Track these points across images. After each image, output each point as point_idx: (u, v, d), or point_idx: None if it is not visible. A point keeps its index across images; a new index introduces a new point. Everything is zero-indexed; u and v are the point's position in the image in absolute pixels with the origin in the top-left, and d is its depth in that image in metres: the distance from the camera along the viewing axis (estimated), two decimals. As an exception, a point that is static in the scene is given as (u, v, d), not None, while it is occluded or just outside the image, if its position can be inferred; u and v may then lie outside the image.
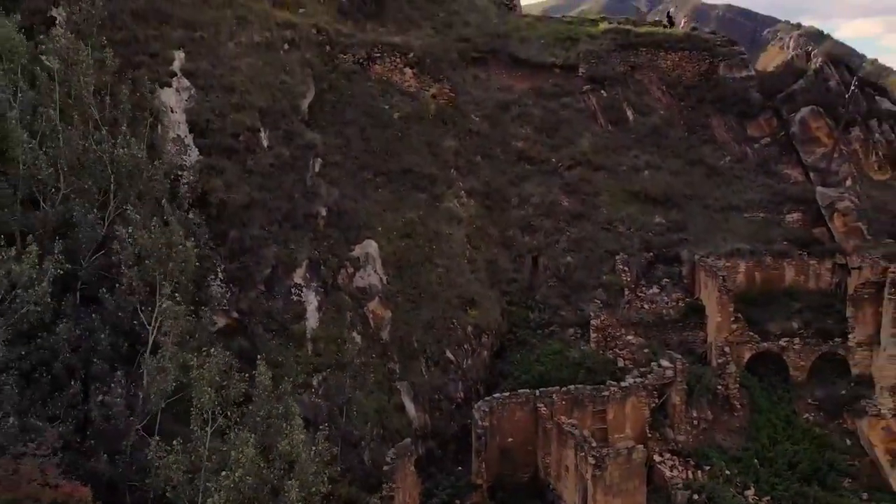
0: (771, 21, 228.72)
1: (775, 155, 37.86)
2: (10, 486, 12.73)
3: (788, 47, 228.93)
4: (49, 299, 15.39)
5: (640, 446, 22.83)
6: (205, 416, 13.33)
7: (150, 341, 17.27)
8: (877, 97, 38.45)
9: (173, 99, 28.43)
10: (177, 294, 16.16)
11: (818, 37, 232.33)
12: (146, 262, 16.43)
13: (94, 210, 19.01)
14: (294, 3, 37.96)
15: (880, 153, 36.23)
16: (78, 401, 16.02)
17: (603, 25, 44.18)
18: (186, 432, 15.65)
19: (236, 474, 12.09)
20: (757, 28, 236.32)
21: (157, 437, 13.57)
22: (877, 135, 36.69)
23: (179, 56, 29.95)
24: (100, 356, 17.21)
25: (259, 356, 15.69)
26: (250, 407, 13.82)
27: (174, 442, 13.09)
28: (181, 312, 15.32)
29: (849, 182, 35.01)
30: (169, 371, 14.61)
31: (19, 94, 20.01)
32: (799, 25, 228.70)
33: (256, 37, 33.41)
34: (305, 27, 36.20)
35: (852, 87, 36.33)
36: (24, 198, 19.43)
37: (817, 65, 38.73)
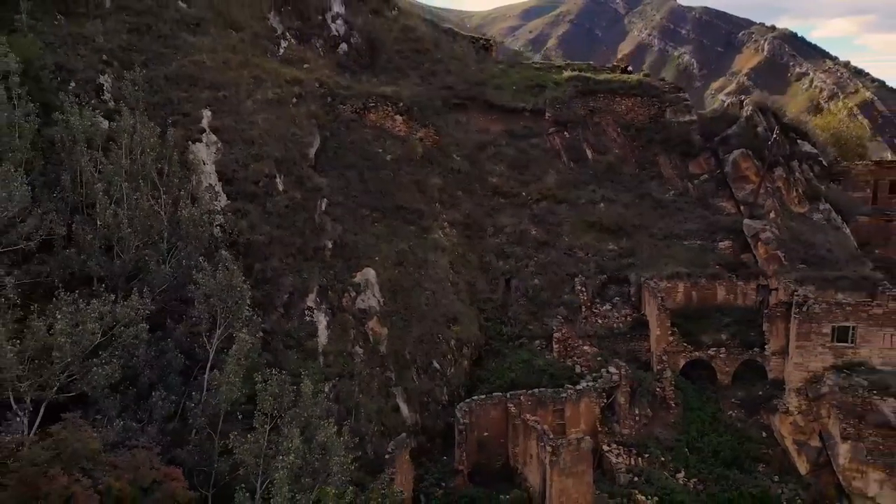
0: (746, 23, 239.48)
1: (712, 190, 42.94)
2: (130, 469, 17.52)
3: (763, 50, 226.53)
4: (145, 334, 20.11)
5: (588, 437, 27.83)
6: (266, 416, 18.12)
7: (210, 359, 22.11)
8: (798, 140, 43.80)
9: (204, 153, 33.10)
10: (236, 323, 21.02)
11: (792, 39, 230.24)
12: (210, 300, 21.16)
13: (162, 259, 23.82)
14: (298, 59, 42.82)
15: (800, 189, 41.46)
16: (160, 406, 20.75)
17: (566, 73, 49.10)
18: (232, 428, 20.55)
19: (290, 458, 16.89)
20: (732, 30, 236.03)
21: (235, 432, 18.34)
22: (797, 173, 41.96)
23: (207, 114, 34.60)
24: (172, 371, 22.03)
25: (303, 372, 20.40)
26: (295, 409, 18.56)
27: (248, 435, 17.90)
28: (250, 341, 20.07)
29: (772, 215, 40.19)
30: (234, 383, 19.40)
31: (99, 167, 24.70)
32: (773, 28, 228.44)
33: (269, 94, 38.13)
34: (310, 82, 40.93)
35: (774, 134, 41.68)
36: (102, 248, 24.19)
37: (748, 112, 43.95)
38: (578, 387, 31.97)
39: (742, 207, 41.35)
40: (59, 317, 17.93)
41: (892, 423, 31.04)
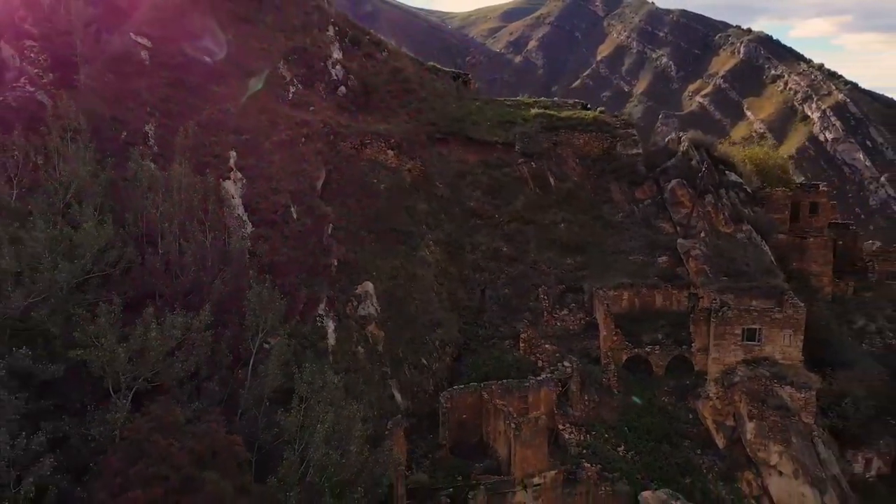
0: (723, 26, 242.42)
1: (654, 213, 49.35)
2: (205, 436, 23.54)
3: (739, 52, 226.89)
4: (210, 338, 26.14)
5: (545, 417, 34.20)
6: (301, 398, 24.22)
7: (252, 357, 28.13)
8: (726, 171, 50.51)
9: (232, 188, 38.91)
10: (272, 330, 27.10)
11: (767, 41, 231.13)
12: (255, 311, 27.20)
13: (210, 280, 29.80)
14: (305, 103, 48.74)
15: (726, 213, 47.94)
16: (216, 392, 26.71)
17: (533, 111, 55.44)
18: (271, 409, 26.63)
19: (325, 425, 22.98)
20: (709, 33, 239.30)
21: (281, 409, 24.42)
22: (724, 199, 48.53)
23: (233, 155, 40.32)
24: (223, 367, 27.99)
25: (326, 366, 26.57)
26: (323, 392, 24.63)
27: (292, 410, 23.98)
28: (286, 342, 26.14)
29: (702, 234, 46.74)
30: (276, 374, 25.49)
31: (160, 207, 30.61)
32: (749, 31, 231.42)
33: (283, 135, 43.95)
34: (315, 123, 46.85)
35: (704, 167, 48.37)
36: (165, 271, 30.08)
37: (684, 147, 50.60)
38: (539, 378, 38.22)
39: (678, 228, 47.86)
40: (152, 325, 23.88)
41: (788, 406, 37.79)
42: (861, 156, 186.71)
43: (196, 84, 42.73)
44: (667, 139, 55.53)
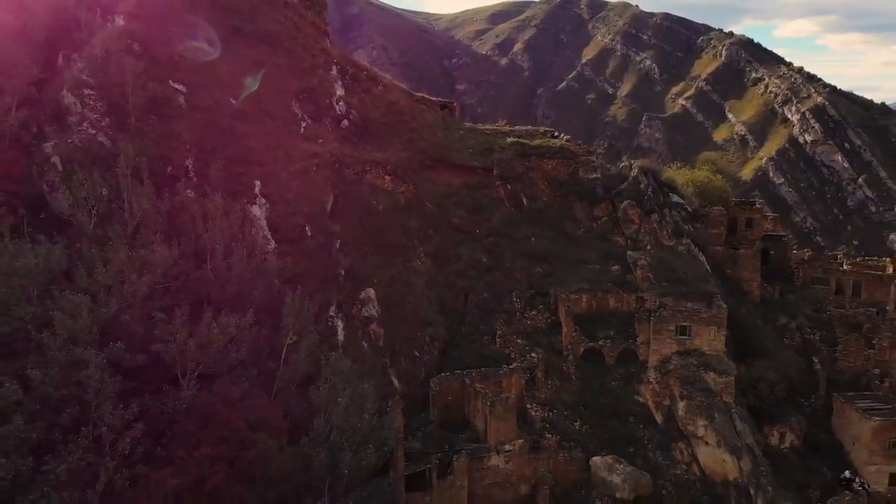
0: (705, 29, 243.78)
1: (609, 228, 56.44)
2: (255, 409, 30.45)
3: (721, 55, 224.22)
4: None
5: (514, 397, 41.29)
6: (326, 379, 31.14)
7: (284, 349, 35.01)
8: (669, 193, 57.96)
9: (258, 212, 45.71)
10: (301, 328, 34.03)
11: (748, 44, 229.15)
12: (289, 315, 34.10)
13: (253, 288, 36.65)
14: (314, 136, 55.50)
15: (669, 229, 55.24)
16: (256, 375, 33.55)
17: (509, 140, 62.35)
18: (301, 389, 33.57)
19: (345, 398, 29.93)
20: (692, 36, 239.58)
21: (312, 386, 31.34)
22: (667, 217, 55.86)
23: (258, 184, 46.93)
24: (262, 357, 34.82)
25: (342, 357, 33.56)
26: (343, 374, 31.54)
27: (319, 387, 30.88)
28: (315, 337, 33.09)
29: (648, 247, 54.06)
30: (307, 361, 32.43)
31: (208, 232, 37.39)
32: (731, 34, 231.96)
33: (297, 165, 50.56)
34: (324, 154, 53.54)
35: (649, 190, 55.74)
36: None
37: (635, 174, 58.01)
38: (511, 366, 45.24)
39: (628, 241, 55.07)
40: (213, 325, 30.75)
41: (711, 388, 45.12)
42: (839, 157, 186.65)
43: (224, 124, 49.31)
44: (621, 166, 62.78)
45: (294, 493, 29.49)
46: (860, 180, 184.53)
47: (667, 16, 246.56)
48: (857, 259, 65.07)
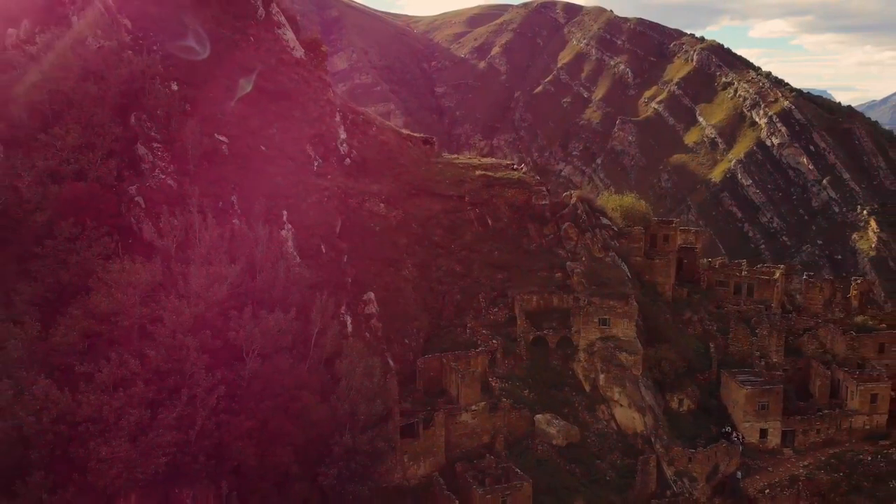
0: (678, 34, 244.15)
1: (554, 244, 68.74)
2: (298, 376, 42.98)
3: (692, 60, 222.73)
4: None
5: (479, 372, 54.18)
6: (347, 355, 43.65)
7: (314, 336, 47.46)
8: (600, 217, 71.25)
9: (286, 235, 58.16)
10: (327, 323, 46.60)
11: (719, 49, 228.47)
12: (318, 312, 46.60)
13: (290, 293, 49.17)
14: (324, 173, 67.83)
15: (599, 245, 67.83)
16: (296, 354, 46.03)
17: (478, 172, 75.19)
18: (326, 369, 46.16)
19: (360, 368, 42.50)
20: (664, 41, 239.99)
21: (338, 360, 43.86)
22: (598, 235, 68.89)
23: (285, 213, 59.30)
24: (299, 341, 47.31)
25: (354, 343, 46.20)
26: (357, 354, 44.01)
27: (342, 360, 43.39)
28: (338, 328, 45.66)
29: (583, 258, 67.18)
30: (333, 344, 45.03)
31: (259, 253, 49.72)
32: (703, 39, 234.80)
33: (313, 198, 62.89)
34: (332, 188, 65.76)
35: (584, 214, 68.96)
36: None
37: (574, 201, 71.15)
38: (477, 349, 58.00)
39: (569, 254, 68.23)
40: (269, 318, 43.24)
41: (624, 365, 58.40)
42: (805, 160, 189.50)
43: (258, 166, 61.52)
44: (563, 195, 75.90)
45: (327, 432, 42.10)
46: (824, 182, 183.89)
47: (640, 21, 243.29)
48: (754, 267, 78.54)
